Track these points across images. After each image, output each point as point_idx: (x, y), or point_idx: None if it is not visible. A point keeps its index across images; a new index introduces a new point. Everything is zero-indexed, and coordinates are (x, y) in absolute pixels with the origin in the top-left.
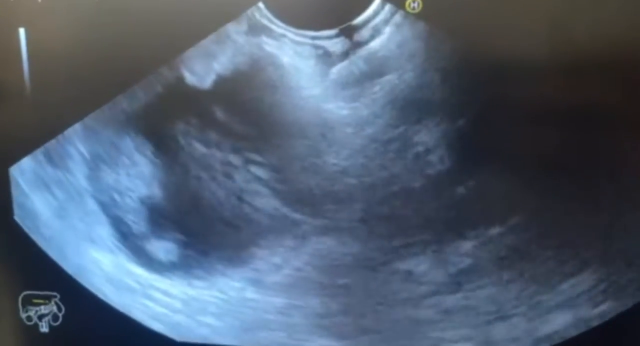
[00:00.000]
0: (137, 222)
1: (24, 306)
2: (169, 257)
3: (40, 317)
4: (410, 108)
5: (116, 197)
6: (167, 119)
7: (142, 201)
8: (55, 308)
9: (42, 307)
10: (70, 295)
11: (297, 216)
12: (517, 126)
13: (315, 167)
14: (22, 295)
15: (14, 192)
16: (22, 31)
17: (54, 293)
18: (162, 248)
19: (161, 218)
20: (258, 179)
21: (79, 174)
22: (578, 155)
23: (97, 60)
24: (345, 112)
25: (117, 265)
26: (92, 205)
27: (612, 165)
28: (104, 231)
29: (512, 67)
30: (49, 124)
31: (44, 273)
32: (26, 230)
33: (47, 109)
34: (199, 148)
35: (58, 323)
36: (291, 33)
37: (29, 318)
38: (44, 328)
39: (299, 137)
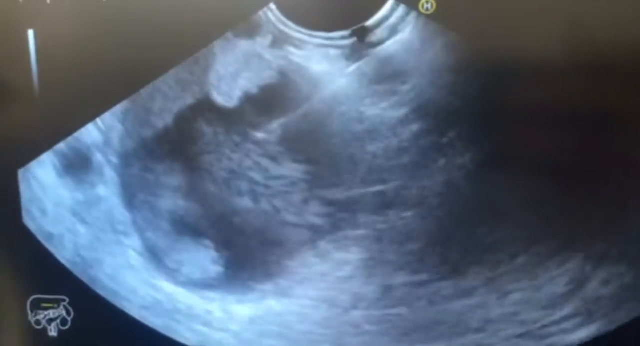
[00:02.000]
0: (167, 237)
1: (32, 310)
2: (199, 272)
3: (49, 321)
4: (426, 110)
5: (146, 212)
6: (196, 134)
7: (172, 215)
8: (64, 312)
9: (51, 311)
10: (80, 299)
11: (328, 225)
12: (531, 127)
13: (344, 173)
14: (30, 299)
15: (23, 195)
16: (31, 33)
17: (63, 297)
18: (193, 264)
19: (192, 233)
20: (292, 189)
21: (105, 188)
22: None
23: (105, 62)
24: (371, 114)
25: (147, 282)
26: (120, 223)
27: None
28: (129, 243)
29: (526, 68)
30: (57, 126)
31: (53, 277)
32: (35, 233)
33: (56, 111)
34: (230, 162)
35: (67, 327)
36: (306, 35)
37: (38, 322)
38: (53, 333)
39: (329, 144)
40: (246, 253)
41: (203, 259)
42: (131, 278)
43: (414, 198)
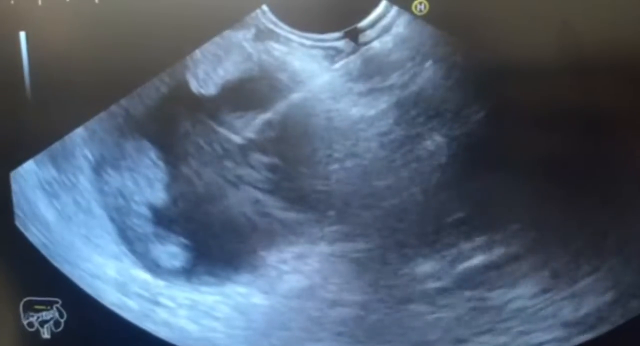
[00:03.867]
0: (143, 227)
1: (25, 312)
2: (175, 262)
3: (42, 323)
4: (416, 110)
5: (121, 201)
6: (172, 124)
7: (148, 206)
8: (57, 314)
9: (44, 313)
10: (72, 301)
11: (306, 220)
12: (523, 128)
13: (323, 169)
14: (23, 301)
15: (15, 197)
16: (22, 35)
17: (56, 299)
18: (168, 254)
19: (167, 223)
20: (266, 183)
21: (83, 178)
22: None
23: (98, 64)
24: (353, 112)
25: (123, 271)
26: (97, 209)
27: (625, 168)
28: (109, 236)
29: (518, 70)
30: (49, 128)
31: (46, 279)
32: (27, 235)
33: (48, 113)
34: (206, 152)
35: (60, 329)
36: (297, 36)
37: (31, 324)
38: (46, 335)
39: (307, 139)
40: (219, 245)
41: (176, 249)
42: (111, 270)
43: (395, 194)
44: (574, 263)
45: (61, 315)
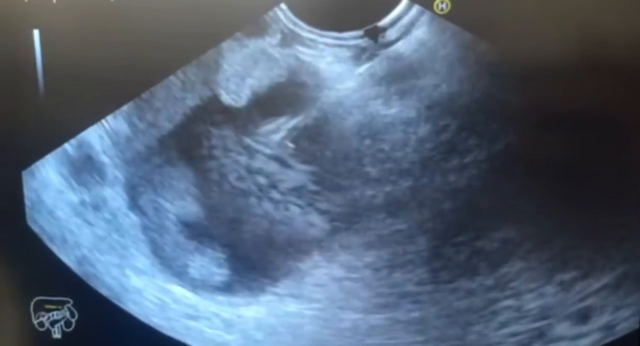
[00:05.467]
0: (176, 241)
1: (35, 312)
2: (211, 276)
3: (53, 323)
4: (440, 110)
5: (153, 216)
6: (203, 136)
7: (180, 219)
8: (68, 314)
9: (55, 313)
10: (84, 301)
11: (341, 228)
12: (550, 129)
13: (354, 174)
14: (34, 300)
15: (27, 196)
16: (36, 33)
17: (67, 299)
18: (203, 267)
19: (201, 236)
20: (302, 190)
21: (114, 194)
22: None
23: (112, 63)
24: (383, 114)
25: (157, 287)
26: (129, 226)
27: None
28: (142, 252)
29: (542, 69)
30: (62, 127)
31: (57, 279)
32: (39, 234)
33: (61, 112)
34: (237, 163)
35: (71, 329)
36: (318, 35)
37: (41, 324)
38: (57, 335)
39: (339, 145)
40: (253, 256)
41: (210, 262)
42: (137, 280)
43: (427, 199)
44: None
45: (72, 315)
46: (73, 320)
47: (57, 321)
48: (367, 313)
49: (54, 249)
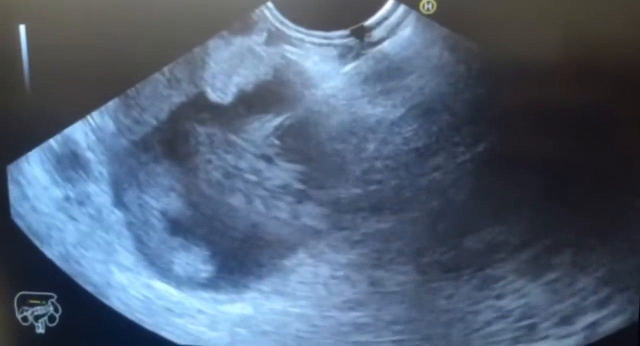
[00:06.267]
0: (160, 237)
1: (19, 306)
2: (194, 272)
3: (37, 318)
4: (425, 110)
5: (136, 210)
6: (188, 132)
7: (165, 216)
8: (52, 309)
9: (39, 308)
10: (68, 296)
11: (327, 226)
12: (531, 128)
13: (339, 173)
14: (18, 295)
15: (12, 191)
16: (22, 28)
17: (51, 294)
18: (187, 264)
19: (185, 232)
20: (288, 188)
21: (98, 190)
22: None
23: (99, 58)
24: (369, 114)
25: (140, 282)
26: (113, 222)
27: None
28: (126, 248)
29: (527, 70)
30: (48, 123)
31: (41, 273)
32: (23, 230)
33: (47, 107)
34: (223, 160)
35: (55, 324)
36: (305, 35)
37: (25, 319)
38: (40, 329)
39: (324, 143)
40: (239, 253)
41: (195, 258)
42: (121, 276)
43: (411, 198)
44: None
45: (56, 310)
46: (57, 315)
47: (40, 316)
48: (351, 311)
49: (38, 244)
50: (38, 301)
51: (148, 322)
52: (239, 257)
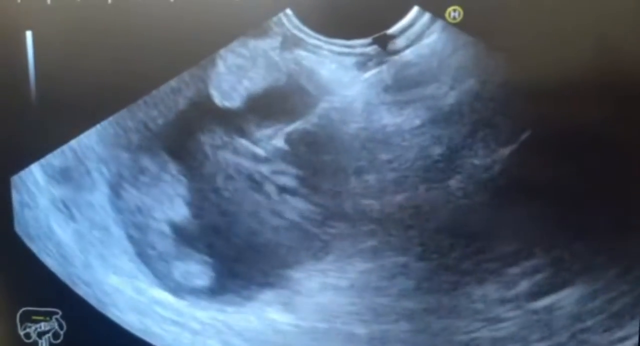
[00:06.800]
0: (163, 245)
1: (22, 323)
2: (197, 281)
3: (40, 335)
4: (449, 120)
5: (140, 218)
6: (194, 137)
7: (168, 222)
8: (56, 325)
9: (42, 324)
10: (73, 312)
11: (338, 236)
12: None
13: (355, 182)
14: (20, 311)
15: (16, 202)
16: (29, 34)
17: (56, 310)
18: (190, 272)
19: (189, 240)
20: (295, 197)
21: (99, 194)
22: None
23: (107, 67)
24: (386, 123)
25: (141, 291)
26: (113, 227)
27: None
28: (127, 255)
29: (553, 81)
30: (54, 132)
31: (45, 288)
32: (27, 242)
33: (53, 116)
34: (230, 166)
35: (59, 341)
36: (324, 43)
37: (28, 336)
38: None
39: (339, 150)
40: (242, 263)
41: (196, 267)
42: (118, 281)
43: (426, 209)
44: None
45: (61, 327)
46: (61, 332)
47: (44, 332)
48: (364, 326)
49: (41, 257)
50: (42, 318)
51: (140, 328)
52: (245, 267)
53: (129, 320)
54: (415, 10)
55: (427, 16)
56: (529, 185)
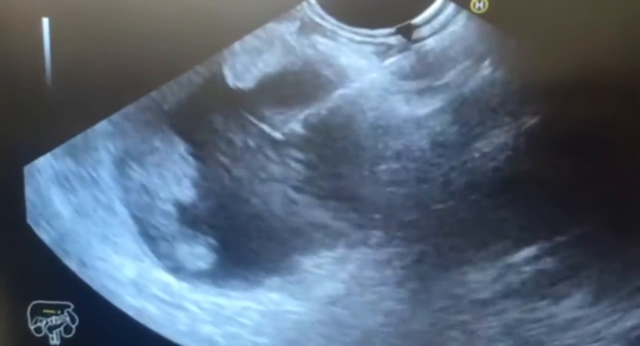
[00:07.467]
0: (167, 225)
1: (33, 316)
2: (201, 263)
3: (51, 329)
4: (470, 111)
5: (145, 198)
6: (204, 117)
7: (174, 203)
8: (68, 319)
9: (54, 318)
10: (86, 305)
11: (347, 223)
12: (579, 134)
13: (368, 169)
14: (31, 304)
15: (28, 193)
16: (45, 21)
17: (68, 303)
18: (194, 254)
19: (194, 221)
20: (305, 182)
21: (105, 173)
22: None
23: (125, 54)
24: (403, 111)
25: (143, 272)
26: (118, 206)
27: None
28: (130, 234)
29: (577, 76)
30: (69, 122)
31: (57, 281)
32: (38, 231)
33: (69, 105)
34: (239, 148)
35: (71, 335)
36: (346, 31)
37: (38, 330)
38: (55, 341)
39: (353, 137)
40: (248, 247)
41: (201, 249)
42: (121, 261)
43: (445, 198)
44: (624, 276)
45: (73, 320)
46: (73, 326)
47: (55, 326)
48: (369, 314)
49: (54, 248)
50: (53, 311)
51: (140, 309)
52: (250, 251)
53: (128, 301)
54: (440, 0)
55: (452, 6)
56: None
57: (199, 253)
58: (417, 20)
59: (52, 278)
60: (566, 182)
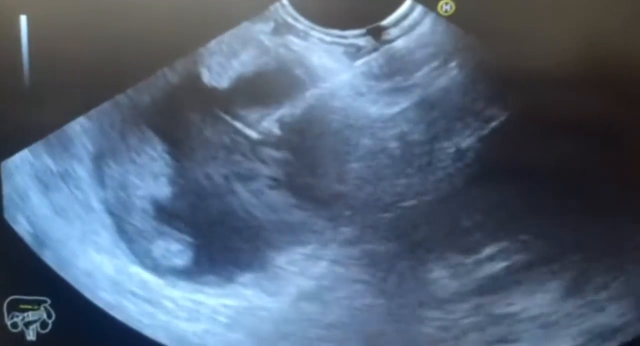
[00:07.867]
0: (144, 223)
1: (9, 312)
2: (176, 260)
3: (27, 324)
4: (437, 111)
5: (122, 195)
6: (180, 116)
7: (150, 200)
8: (44, 315)
9: (30, 313)
10: (63, 301)
11: (318, 221)
12: (543, 134)
13: (339, 167)
14: (8, 299)
15: (6, 188)
16: (23, 18)
17: (44, 298)
18: (170, 251)
19: (170, 218)
20: (278, 180)
21: (81, 169)
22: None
23: (103, 51)
24: (372, 110)
25: (120, 268)
26: (94, 203)
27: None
28: (106, 231)
29: (542, 75)
30: (47, 118)
31: (34, 277)
32: (15, 227)
33: (46, 102)
34: (214, 146)
35: (47, 330)
36: (317, 32)
37: (15, 325)
38: (31, 336)
39: (324, 136)
40: (224, 244)
41: (177, 246)
42: (97, 257)
43: (414, 196)
44: (591, 272)
45: (49, 316)
46: (50, 321)
47: (32, 322)
48: (341, 310)
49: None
50: (30, 307)
51: (114, 305)
52: (225, 248)
53: (105, 298)
54: (408, 2)
55: (419, 9)
56: (510, 170)
57: (175, 250)
58: (386, 21)
59: (29, 273)
60: (533, 178)
